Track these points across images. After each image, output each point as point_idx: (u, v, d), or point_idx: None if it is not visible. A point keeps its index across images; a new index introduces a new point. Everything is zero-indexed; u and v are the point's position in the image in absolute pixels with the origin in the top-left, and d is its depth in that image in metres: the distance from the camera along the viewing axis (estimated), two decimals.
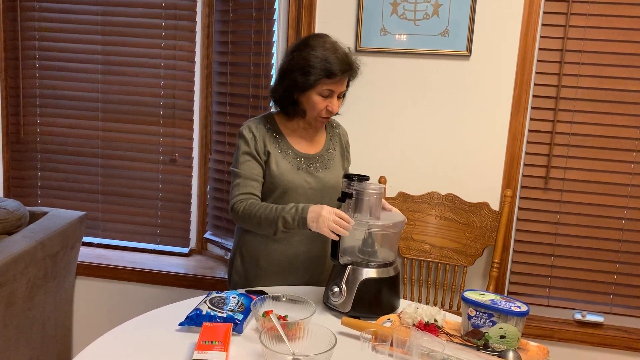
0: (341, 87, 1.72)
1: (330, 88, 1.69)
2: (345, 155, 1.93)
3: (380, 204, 1.66)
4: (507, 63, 2.24)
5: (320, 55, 1.66)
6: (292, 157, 1.78)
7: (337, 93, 1.71)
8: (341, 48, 1.71)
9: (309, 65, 1.66)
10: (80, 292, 2.69)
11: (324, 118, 1.75)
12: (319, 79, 1.66)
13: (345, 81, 1.73)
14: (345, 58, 1.69)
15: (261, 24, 2.44)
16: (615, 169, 2.25)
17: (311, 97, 1.70)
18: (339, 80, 1.69)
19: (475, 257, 2.26)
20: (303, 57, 1.68)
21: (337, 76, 1.66)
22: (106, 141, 2.74)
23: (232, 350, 1.34)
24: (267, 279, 1.84)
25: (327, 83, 1.67)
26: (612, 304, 2.33)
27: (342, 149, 1.92)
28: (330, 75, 1.66)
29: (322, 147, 1.85)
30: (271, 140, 1.78)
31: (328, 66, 1.65)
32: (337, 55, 1.67)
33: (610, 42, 2.20)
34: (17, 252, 1.96)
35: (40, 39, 2.71)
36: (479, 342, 1.43)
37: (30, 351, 2.15)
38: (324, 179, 1.80)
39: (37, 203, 2.82)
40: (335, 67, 1.65)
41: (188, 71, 2.65)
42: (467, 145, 2.32)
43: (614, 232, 2.28)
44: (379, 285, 1.58)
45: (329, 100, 1.71)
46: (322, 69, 1.65)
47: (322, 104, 1.71)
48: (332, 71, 1.65)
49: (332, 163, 1.85)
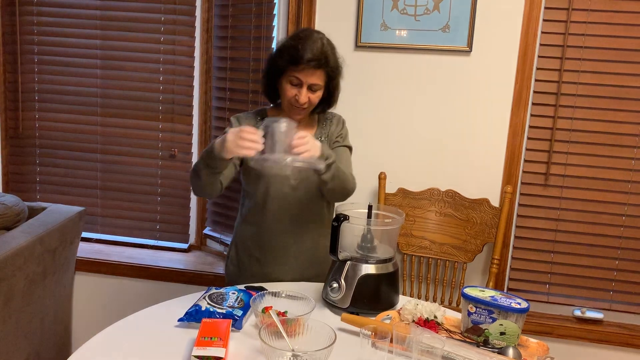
0: (311, 79, 1.69)
1: (297, 76, 1.69)
2: (335, 142, 1.88)
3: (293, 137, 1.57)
4: (508, 59, 2.23)
5: (292, 43, 1.70)
6: None
7: (307, 84, 1.70)
8: (320, 40, 1.71)
9: (280, 52, 1.72)
10: (79, 288, 2.69)
11: (295, 108, 1.75)
12: (285, 65, 1.69)
13: (315, 73, 1.70)
14: (316, 49, 1.68)
15: (261, 19, 2.43)
16: (615, 165, 2.25)
17: (282, 84, 1.74)
18: (306, 70, 1.68)
19: (475, 253, 2.26)
20: (279, 45, 1.76)
21: (301, 64, 1.66)
22: (105, 136, 2.74)
23: (232, 346, 1.34)
24: (259, 269, 1.86)
25: (294, 70, 1.68)
26: (611, 301, 2.33)
27: (330, 139, 1.88)
28: (294, 62, 1.67)
29: None
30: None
31: (294, 53, 1.67)
32: (307, 44, 1.68)
33: (611, 38, 2.19)
34: (15, 247, 1.95)
35: (39, 34, 2.69)
36: (479, 339, 1.43)
37: (29, 346, 2.14)
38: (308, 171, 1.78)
39: (36, 198, 2.81)
40: (300, 55, 1.66)
41: (187, 66, 2.64)
42: (467, 141, 2.31)
43: (614, 228, 2.28)
44: (378, 281, 1.58)
45: (297, 90, 1.71)
46: (289, 55, 1.68)
47: (291, 92, 1.72)
48: (296, 58, 1.66)
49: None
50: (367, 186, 2.40)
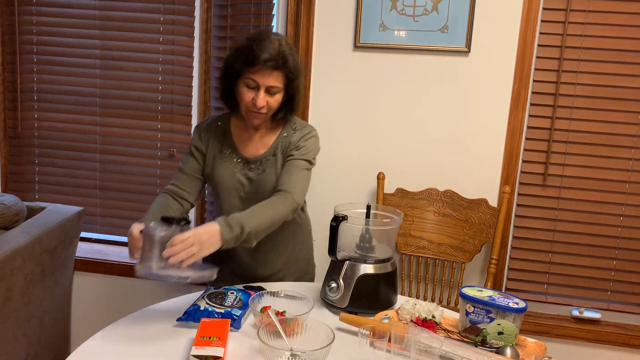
0: (268, 81, 1.63)
1: (254, 78, 1.62)
2: (289, 155, 1.76)
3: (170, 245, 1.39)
4: (506, 59, 2.24)
5: (247, 44, 1.64)
6: (232, 158, 1.78)
7: (264, 86, 1.63)
8: (277, 41, 1.64)
9: (235, 53, 1.66)
10: (78, 288, 2.69)
11: (253, 112, 1.68)
12: (241, 67, 1.63)
13: (272, 74, 1.63)
14: (273, 49, 1.61)
15: (260, 19, 2.44)
16: (613, 165, 2.25)
17: (239, 88, 1.67)
18: (263, 72, 1.61)
19: (473, 253, 2.26)
20: (235, 46, 1.70)
21: (257, 65, 1.60)
22: (104, 136, 2.74)
23: (230, 346, 1.35)
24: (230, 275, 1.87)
25: (250, 72, 1.62)
26: (609, 301, 2.34)
27: (285, 150, 1.77)
28: (250, 64, 1.61)
29: (267, 150, 1.78)
30: (217, 140, 1.79)
31: (250, 54, 1.61)
32: (264, 44, 1.61)
33: (609, 38, 2.19)
34: (14, 247, 1.95)
35: (38, 34, 2.69)
36: (477, 339, 1.44)
37: (28, 346, 2.15)
38: (260, 182, 1.76)
39: (35, 198, 2.81)
40: (256, 55, 1.60)
41: (186, 66, 2.64)
42: (465, 141, 2.32)
43: (612, 228, 2.29)
44: (377, 281, 1.58)
45: (255, 93, 1.64)
46: (244, 56, 1.62)
47: (248, 96, 1.65)
48: (252, 59, 1.60)
49: (273, 167, 1.76)
50: (366, 186, 2.40)
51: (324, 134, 2.39)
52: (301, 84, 1.76)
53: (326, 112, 2.39)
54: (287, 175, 1.71)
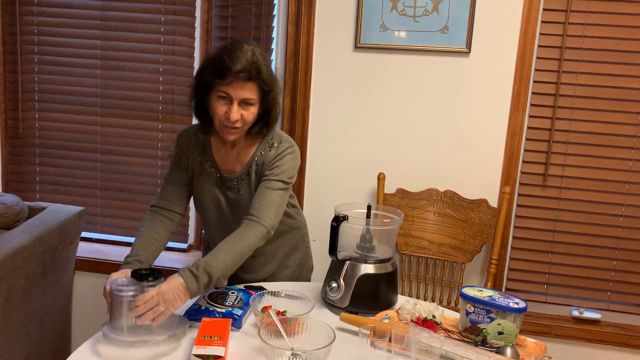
0: (240, 93, 1.52)
1: (226, 91, 1.52)
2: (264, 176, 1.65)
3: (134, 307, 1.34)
4: (506, 60, 2.24)
5: (218, 54, 1.54)
6: (212, 173, 1.71)
7: (237, 99, 1.53)
8: (250, 51, 1.53)
9: (206, 65, 1.56)
10: (79, 287, 2.69)
11: (227, 127, 1.56)
12: (212, 79, 1.53)
13: (245, 86, 1.52)
14: (245, 60, 1.51)
15: (261, 19, 2.44)
16: (613, 166, 2.26)
17: (211, 102, 1.56)
18: (236, 84, 1.51)
19: (474, 253, 2.27)
20: (205, 58, 1.60)
21: (229, 76, 1.49)
22: (105, 136, 2.74)
23: (231, 346, 1.35)
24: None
25: (222, 85, 1.52)
26: (609, 301, 2.34)
27: (260, 169, 1.67)
28: (222, 75, 1.50)
29: (242, 168, 1.69)
30: (197, 152, 1.72)
31: (221, 65, 1.50)
32: (235, 54, 1.51)
33: (609, 39, 2.20)
34: (15, 246, 1.96)
35: (39, 34, 2.70)
36: (477, 338, 1.44)
37: (28, 345, 2.15)
38: (236, 202, 1.70)
39: (36, 198, 2.82)
40: (227, 66, 1.49)
41: (187, 67, 2.64)
42: (466, 142, 2.32)
43: (611, 229, 2.29)
44: (377, 281, 1.59)
45: (228, 107, 1.53)
46: (215, 68, 1.52)
47: (221, 110, 1.54)
48: (223, 70, 1.50)
49: (247, 187, 1.69)
50: (366, 186, 2.41)
51: (324, 134, 2.40)
52: (278, 96, 1.64)
53: (327, 112, 2.40)
54: (259, 199, 1.60)
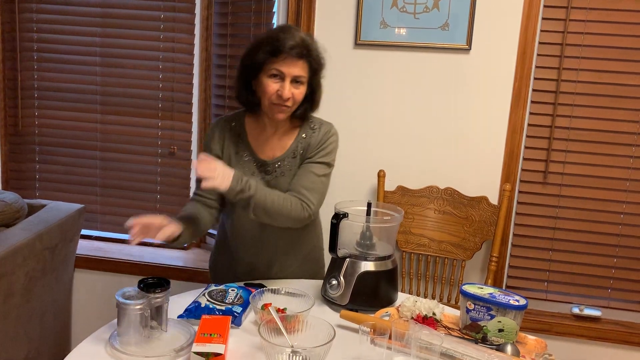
0: (294, 70, 1.59)
1: (279, 68, 1.58)
2: (308, 158, 1.72)
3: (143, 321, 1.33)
4: (507, 57, 2.24)
5: (270, 35, 1.61)
6: (248, 161, 1.73)
7: (290, 76, 1.59)
8: (299, 33, 1.62)
9: (258, 46, 1.61)
10: (79, 285, 2.69)
11: (278, 106, 1.62)
12: (265, 58, 1.59)
13: (298, 64, 1.60)
14: (297, 39, 1.59)
15: (260, 16, 2.44)
16: (614, 163, 2.25)
17: (262, 81, 1.62)
18: (288, 61, 1.58)
19: (474, 251, 2.26)
20: (255, 41, 1.66)
21: (284, 53, 1.57)
22: (105, 134, 2.74)
23: (231, 343, 1.35)
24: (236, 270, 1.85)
25: (274, 62, 1.58)
26: (609, 298, 2.34)
27: (305, 152, 1.72)
28: (276, 53, 1.57)
29: (285, 152, 1.73)
30: (231, 140, 1.74)
31: (275, 44, 1.57)
32: (287, 34, 1.59)
33: (610, 36, 2.19)
34: (15, 244, 1.95)
35: (38, 31, 2.69)
36: (477, 336, 1.44)
37: (28, 343, 2.15)
38: (273, 185, 1.71)
39: (35, 195, 2.82)
40: (281, 45, 1.56)
41: (187, 64, 2.64)
42: (466, 139, 2.32)
43: (612, 226, 2.29)
44: (377, 278, 1.59)
45: (280, 84, 1.59)
46: (269, 46, 1.58)
47: (273, 87, 1.59)
48: (278, 48, 1.57)
49: (291, 170, 1.72)
50: (367, 184, 2.40)
51: None
52: (321, 80, 1.72)
53: (327, 109, 2.38)
54: (304, 181, 1.67)
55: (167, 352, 1.28)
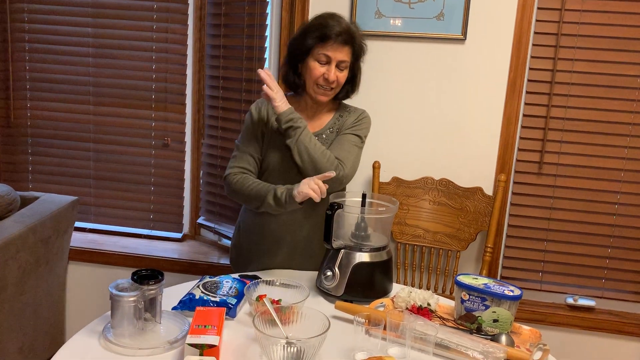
0: (340, 55, 1.72)
1: (327, 53, 1.71)
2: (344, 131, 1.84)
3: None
4: (502, 47, 2.23)
5: (319, 21, 1.74)
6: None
7: (335, 60, 1.72)
8: (345, 21, 1.74)
9: (306, 31, 1.74)
10: (73, 277, 2.68)
11: (323, 89, 1.75)
12: (314, 42, 1.71)
13: (344, 50, 1.72)
14: (344, 26, 1.71)
15: (254, 6, 2.41)
16: (609, 154, 2.25)
17: (309, 64, 1.74)
18: (335, 46, 1.71)
19: (469, 241, 2.27)
20: (303, 27, 1.78)
21: (331, 40, 1.69)
22: (98, 125, 2.72)
23: (226, 334, 1.34)
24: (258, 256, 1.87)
25: (323, 47, 1.71)
26: (604, 288, 2.35)
27: (341, 130, 1.84)
28: (324, 39, 1.70)
29: (322, 127, 1.85)
30: (274, 119, 1.81)
31: (323, 30, 1.70)
32: (335, 22, 1.71)
33: (605, 26, 2.18)
34: (8, 237, 1.94)
35: (29, 22, 2.66)
36: (472, 326, 1.44)
37: (22, 336, 2.14)
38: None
39: (28, 188, 2.80)
40: (329, 31, 1.69)
41: (180, 54, 2.62)
42: (461, 129, 2.31)
43: (606, 217, 2.29)
44: (372, 269, 1.58)
45: (327, 68, 1.72)
46: (317, 32, 1.71)
47: (319, 71, 1.73)
48: (326, 34, 1.69)
49: (328, 143, 1.83)
50: (361, 175, 2.40)
51: None
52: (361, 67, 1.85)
53: None
54: (340, 147, 1.77)
55: (161, 344, 1.28)
